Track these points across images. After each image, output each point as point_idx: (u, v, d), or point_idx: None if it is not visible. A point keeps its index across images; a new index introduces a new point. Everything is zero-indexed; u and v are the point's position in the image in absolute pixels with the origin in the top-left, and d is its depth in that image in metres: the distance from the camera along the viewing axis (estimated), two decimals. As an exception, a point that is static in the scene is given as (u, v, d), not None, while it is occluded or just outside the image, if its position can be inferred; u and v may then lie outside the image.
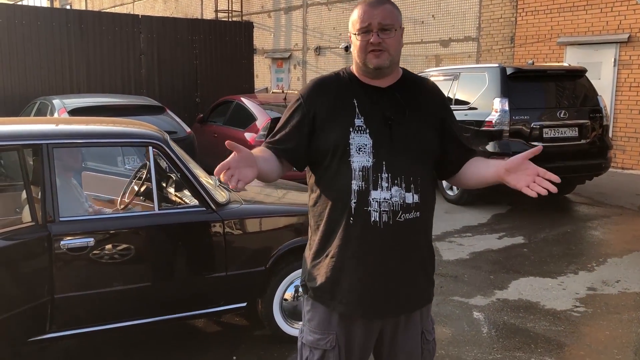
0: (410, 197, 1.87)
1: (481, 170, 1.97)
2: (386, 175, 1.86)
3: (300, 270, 3.60)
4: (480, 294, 4.62)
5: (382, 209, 1.85)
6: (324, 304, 1.95)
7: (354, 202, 1.86)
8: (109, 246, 3.10)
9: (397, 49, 1.91)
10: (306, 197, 1.95)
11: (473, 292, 4.65)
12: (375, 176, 1.85)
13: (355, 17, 1.90)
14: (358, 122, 1.88)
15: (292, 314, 3.69)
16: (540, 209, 7.59)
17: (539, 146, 1.77)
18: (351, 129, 1.87)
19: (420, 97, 1.99)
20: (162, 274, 3.28)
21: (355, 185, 1.85)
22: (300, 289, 2.08)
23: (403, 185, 1.87)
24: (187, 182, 3.35)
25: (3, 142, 2.98)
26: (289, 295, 3.67)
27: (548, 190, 1.74)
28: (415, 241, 1.93)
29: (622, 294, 4.66)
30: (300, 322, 3.67)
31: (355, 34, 1.89)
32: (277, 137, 1.96)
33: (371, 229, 1.86)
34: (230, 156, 1.66)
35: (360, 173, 1.85)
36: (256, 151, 1.89)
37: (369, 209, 1.85)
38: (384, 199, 1.85)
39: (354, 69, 1.99)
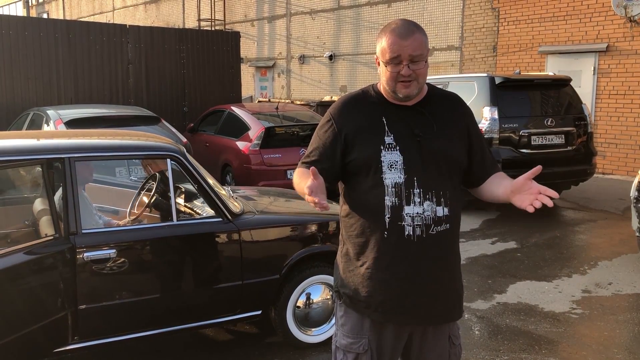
0: (441, 210, 1.96)
1: (494, 188, 2.08)
2: (418, 190, 1.94)
3: (312, 278, 3.73)
4: (480, 298, 4.76)
5: (416, 223, 1.94)
6: (357, 311, 2.04)
7: (388, 217, 1.94)
8: (130, 257, 3.15)
9: (425, 76, 1.97)
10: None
11: (473, 296, 4.79)
12: (407, 192, 1.94)
13: (384, 45, 1.92)
14: (388, 139, 1.96)
15: (305, 320, 3.78)
16: (529, 215, 7.77)
17: (538, 166, 1.86)
18: (382, 147, 1.95)
19: (446, 111, 2.06)
20: (182, 284, 3.35)
21: (388, 201, 1.94)
22: (334, 295, 2.17)
23: (434, 199, 1.95)
24: (204, 192, 3.42)
25: (27, 156, 3.02)
26: (301, 302, 3.75)
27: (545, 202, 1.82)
28: (446, 251, 2.02)
29: (615, 295, 4.84)
30: (313, 329, 3.81)
31: (384, 63, 1.93)
32: (312, 158, 2.04)
33: (405, 243, 1.95)
34: (311, 182, 1.76)
35: (393, 189, 1.94)
36: (303, 175, 1.97)
37: (403, 223, 1.94)
38: (417, 213, 1.94)
39: (381, 88, 2.05)
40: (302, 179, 1.94)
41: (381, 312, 2.01)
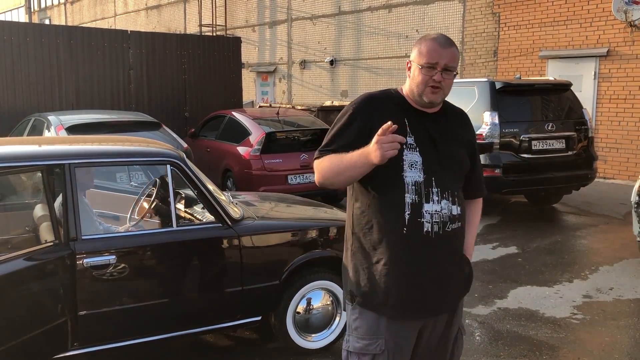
0: (455, 209, 2.08)
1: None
2: (436, 189, 2.04)
3: (312, 284, 3.72)
4: (481, 303, 4.75)
5: (434, 220, 2.03)
6: (373, 310, 2.08)
7: (408, 214, 2.02)
8: (130, 263, 3.15)
9: (450, 88, 2.08)
10: (316, 212, 2.02)
11: (474, 302, 4.78)
12: (427, 190, 2.03)
13: (423, 50, 2.04)
14: (409, 140, 2.05)
15: (305, 326, 3.77)
16: (530, 219, 7.79)
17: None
18: (404, 146, 2.01)
19: (458, 125, 2.22)
20: (181, 290, 3.34)
21: (408, 198, 2.02)
22: (345, 299, 2.19)
23: (450, 198, 2.07)
24: (203, 198, 3.42)
25: (27, 162, 3.03)
26: (301, 308, 3.75)
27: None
28: (458, 247, 2.15)
29: (616, 300, 4.83)
30: (313, 335, 3.80)
31: (419, 66, 2.03)
32: (335, 147, 2.04)
33: (424, 239, 2.03)
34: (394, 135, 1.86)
35: (413, 187, 2.02)
36: (335, 157, 2.00)
37: (422, 220, 2.02)
38: (435, 211, 2.03)
39: (404, 91, 2.14)
40: (347, 155, 1.96)
41: (399, 309, 2.05)
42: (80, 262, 3.01)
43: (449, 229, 2.05)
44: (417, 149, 2.04)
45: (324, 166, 2.03)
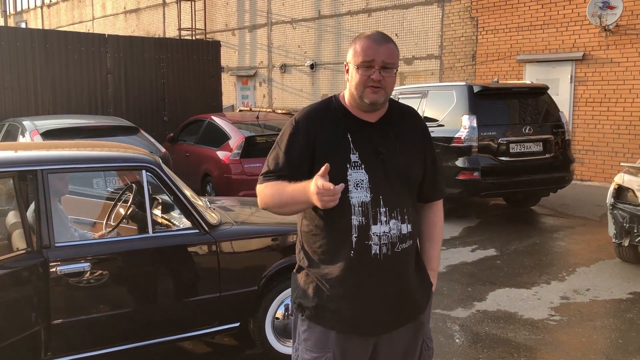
0: (405, 228, 1.98)
1: (423, 236, 2.17)
2: (384, 209, 1.94)
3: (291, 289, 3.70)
4: (460, 306, 4.77)
5: (382, 242, 1.93)
6: (322, 325, 2.00)
7: (355, 237, 1.93)
8: (105, 270, 3.11)
9: (393, 87, 1.98)
10: (295, 217, 1.98)
11: (453, 304, 4.80)
12: (374, 211, 1.93)
13: (358, 49, 1.93)
14: (353, 157, 1.94)
15: (284, 332, 3.75)
16: (509, 222, 7.86)
17: None
18: (348, 165, 1.93)
19: (407, 129, 2.08)
20: (158, 297, 3.31)
21: (355, 220, 1.92)
22: (293, 308, 2.10)
23: (399, 217, 1.96)
24: (180, 204, 3.39)
25: (-2, 169, 2.97)
26: (280, 313, 3.72)
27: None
28: (409, 265, 2.04)
29: (593, 301, 4.88)
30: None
31: (356, 66, 1.93)
32: (279, 173, 1.96)
33: (372, 261, 1.94)
34: (330, 186, 1.76)
35: (360, 208, 1.92)
36: (277, 187, 1.93)
37: (370, 242, 1.93)
38: (384, 232, 1.93)
39: (345, 98, 2.03)
40: (288, 187, 1.89)
41: (348, 327, 1.99)
42: (54, 269, 2.95)
43: (398, 249, 1.96)
44: (362, 166, 1.94)
45: (266, 195, 1.97)
